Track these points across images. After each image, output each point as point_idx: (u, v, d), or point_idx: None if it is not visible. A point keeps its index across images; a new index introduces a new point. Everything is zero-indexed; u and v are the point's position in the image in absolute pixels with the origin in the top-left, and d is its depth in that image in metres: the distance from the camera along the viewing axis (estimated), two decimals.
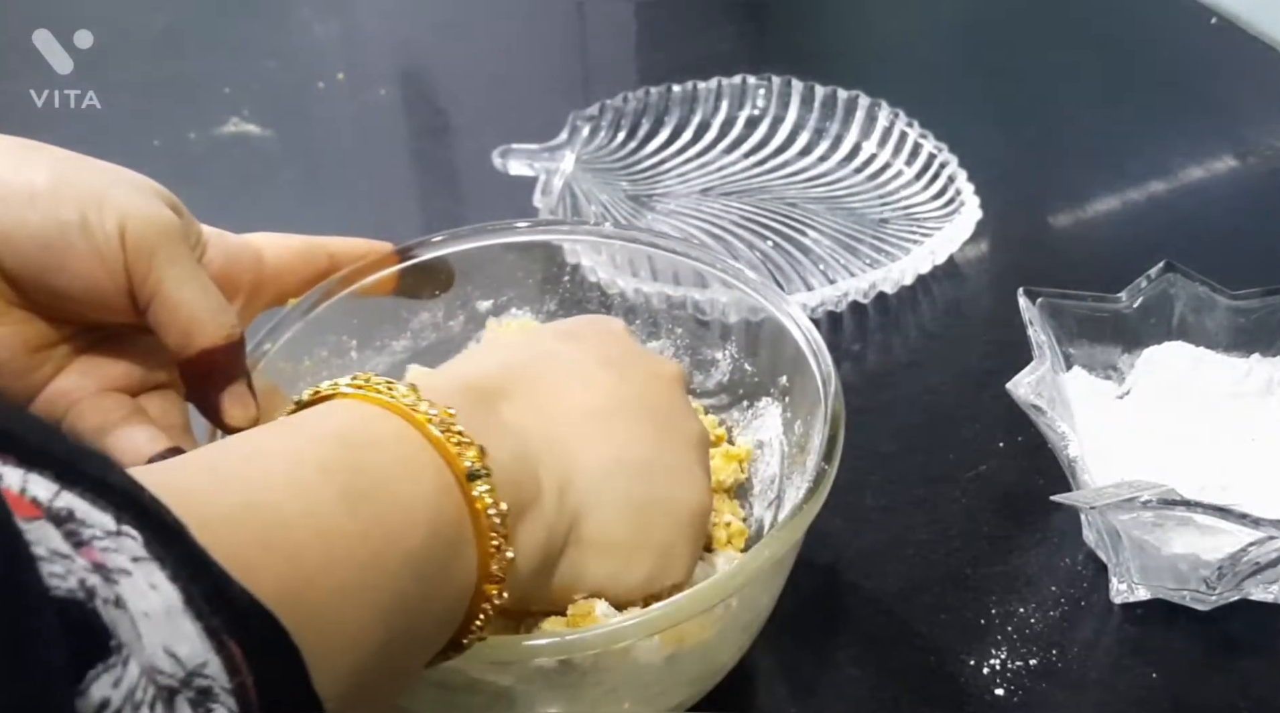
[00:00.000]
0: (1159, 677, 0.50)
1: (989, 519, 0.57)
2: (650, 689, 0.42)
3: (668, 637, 0.40)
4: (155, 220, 0.41)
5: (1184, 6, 0.98)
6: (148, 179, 0.44)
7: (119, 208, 0.40)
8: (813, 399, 0.46)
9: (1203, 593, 0.51)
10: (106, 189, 0.41)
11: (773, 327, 0.50)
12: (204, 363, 0.42)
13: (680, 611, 0.38)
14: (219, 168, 0.83)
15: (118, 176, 0.42)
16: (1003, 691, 0.49)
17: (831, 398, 0.45)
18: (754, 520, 0.50)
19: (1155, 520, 0.48)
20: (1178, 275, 0.57)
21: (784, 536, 0.40)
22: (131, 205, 0.41)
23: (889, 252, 0.73)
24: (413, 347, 0.54)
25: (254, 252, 0.48)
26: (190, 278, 0.42)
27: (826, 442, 0.43)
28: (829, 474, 0.42)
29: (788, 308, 0.49)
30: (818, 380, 0.46)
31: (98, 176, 0.41)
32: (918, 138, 0.78)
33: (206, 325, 0.42)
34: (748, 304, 0.52)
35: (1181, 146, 0.83)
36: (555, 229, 0.56)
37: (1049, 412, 0.50)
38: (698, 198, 0.78)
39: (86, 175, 0.41)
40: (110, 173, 0.42)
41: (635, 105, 0.82)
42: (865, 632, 0.52)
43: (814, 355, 0.47)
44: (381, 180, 0.85)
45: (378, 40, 1.02)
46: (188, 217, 0.45)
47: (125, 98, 0.91)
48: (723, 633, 0.43)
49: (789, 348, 0.49)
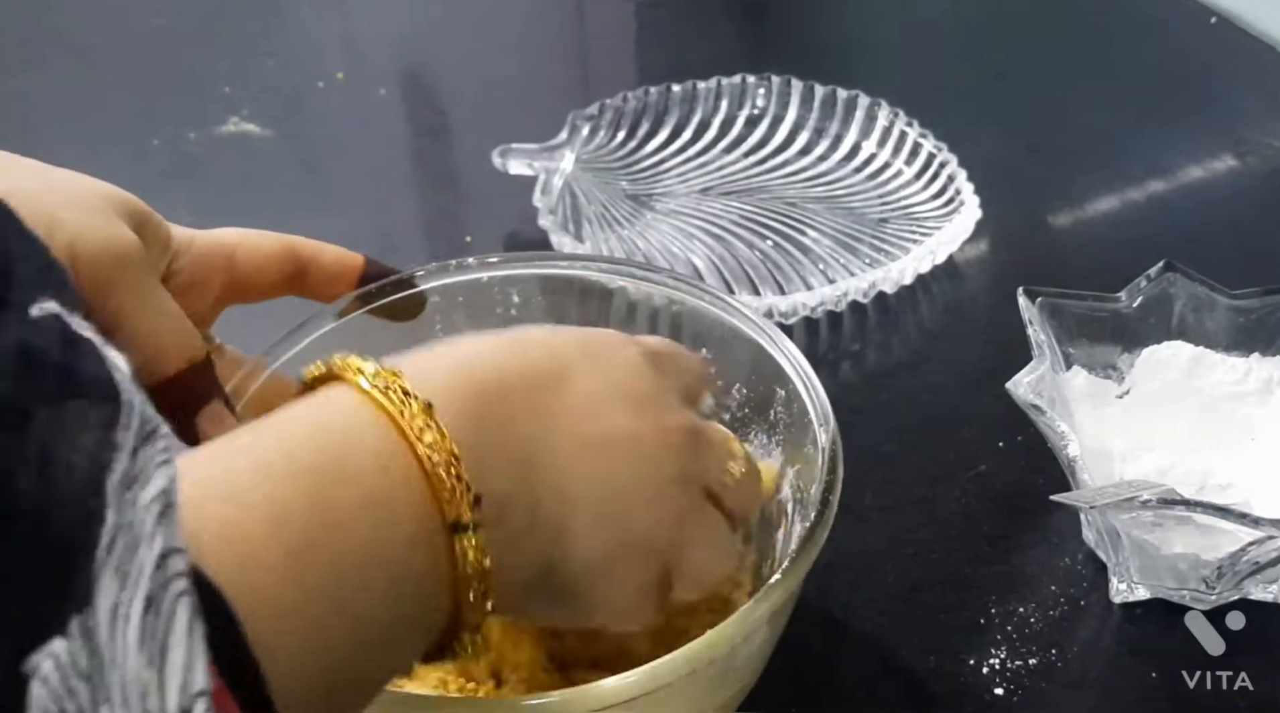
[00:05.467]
0: (1159, 677, 0.50)
1: (989, 519, 0.57)
2: None
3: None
4: (110, 247, 0.39)
5: (1184, 6, 0.98)
6: (104, 188, 0.41)
7: (72, 232, 0.38)
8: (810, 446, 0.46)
9: (1203, 593, 0.51)
10: (56, 213, 0.38)
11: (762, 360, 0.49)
12: (173, 388, 0.41)
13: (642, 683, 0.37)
14: (219, 168, 0.83)
15: (70, 194, 0.39)
16: (1002, 690, 0.49)
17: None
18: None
19: (1155, 520, 0.48)
20: (1178, 275, 0.57)
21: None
22: (84, 231, 0.38)
23: (889, 251, 0.73)
24: None
25: (226, 253, 0.46)
26: (148, 305, 0.40)
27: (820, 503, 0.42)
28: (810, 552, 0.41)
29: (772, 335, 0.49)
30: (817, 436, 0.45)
31: (46, 196, 0.38)
32: (918, 138, 0.78)
33: (169, 353, 0.41)
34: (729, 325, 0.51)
35: (1181, 146, 0.83)
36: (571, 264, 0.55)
37: (1049, 411, 0.50)
38: (697, 197, 0.78)
39: (37, 193, 0.38)
40: (62, 190, 0.39)
41: (635, 105, 0.82)
42: (865, 632, 0.52)
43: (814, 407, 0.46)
44: (381, 180, 0.85)
45: (378, 40, 1.02)
46: (155, 222, 0.43)
47: (125, 98, 0.91)
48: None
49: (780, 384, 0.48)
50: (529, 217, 0.72)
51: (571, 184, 0.76)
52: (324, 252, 0.49)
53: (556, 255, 0.64)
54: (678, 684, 0.38)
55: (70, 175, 0.41)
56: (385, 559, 0.30)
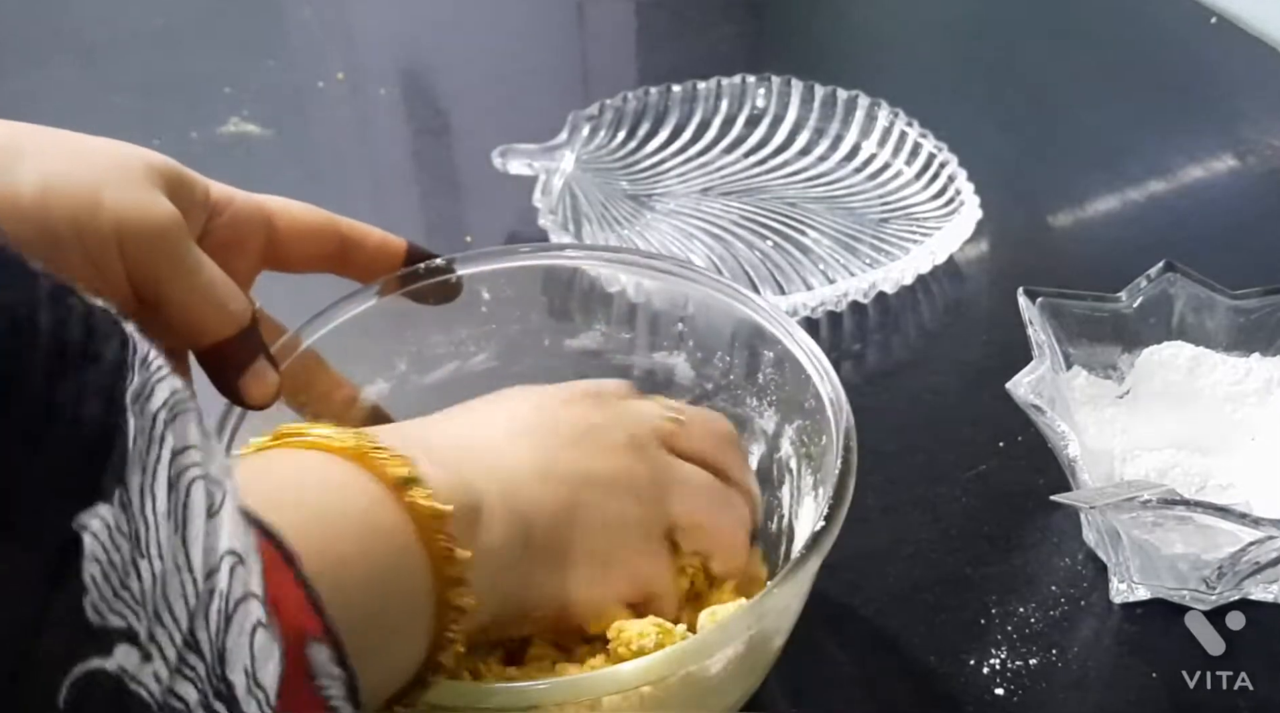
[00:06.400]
0: (1159, 677, 0.50)
1: (989, 519, 0.57)
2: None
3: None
4: (153, 220, 0.40)
5: (1184, 6, 0.98)
6: (141, 155, 0.42)
7: (114, 211, 0.39)
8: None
9: (1203, 593, 0.51)
10: (99, 191, 0.39)
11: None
12: (218, 353, 0.42)
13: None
14: (219, 168, 0.81)
15: (111, 168, 0.40)
16: (1003, 691, 0.49)
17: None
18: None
19: (1155, 520, 0.48)
20: (1178, 275, 0.57)
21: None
22: (127, 207, 0.39)
23: (889, 251, 0.73)
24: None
25: (265, 216, 0.47)
26: (193, 274, 0.41)
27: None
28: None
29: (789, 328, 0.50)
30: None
31: (88, 173, 0.39)
32: (918, 138, 0.78)
33: (215, 320, 0.41)
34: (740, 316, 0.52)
35: (1181, 146, 0.83)
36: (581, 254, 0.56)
37: (1049, 411, 0.50)
38: (697, 197, 0.78)
39: (77, 174, 0.39)
40: (100, 165, 0.40)
41: (635, 105, 0.82)
42: (865, 632, 0.52)
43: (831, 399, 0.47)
44: (381, 180, 0.85)
45: (378, 40, 1.02)
46: (190, 181, 0.43)
47: (125, 98, 0.91)
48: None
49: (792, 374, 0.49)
50: (529, 217, 0.72)
51: (571, 184, 0.76)
52: (369, 235, 0.50)
53: (601, 248, 0.67)
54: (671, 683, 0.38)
55: (106, 146, 0.42)
56: (355, 514, 0.33)
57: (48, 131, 0.41)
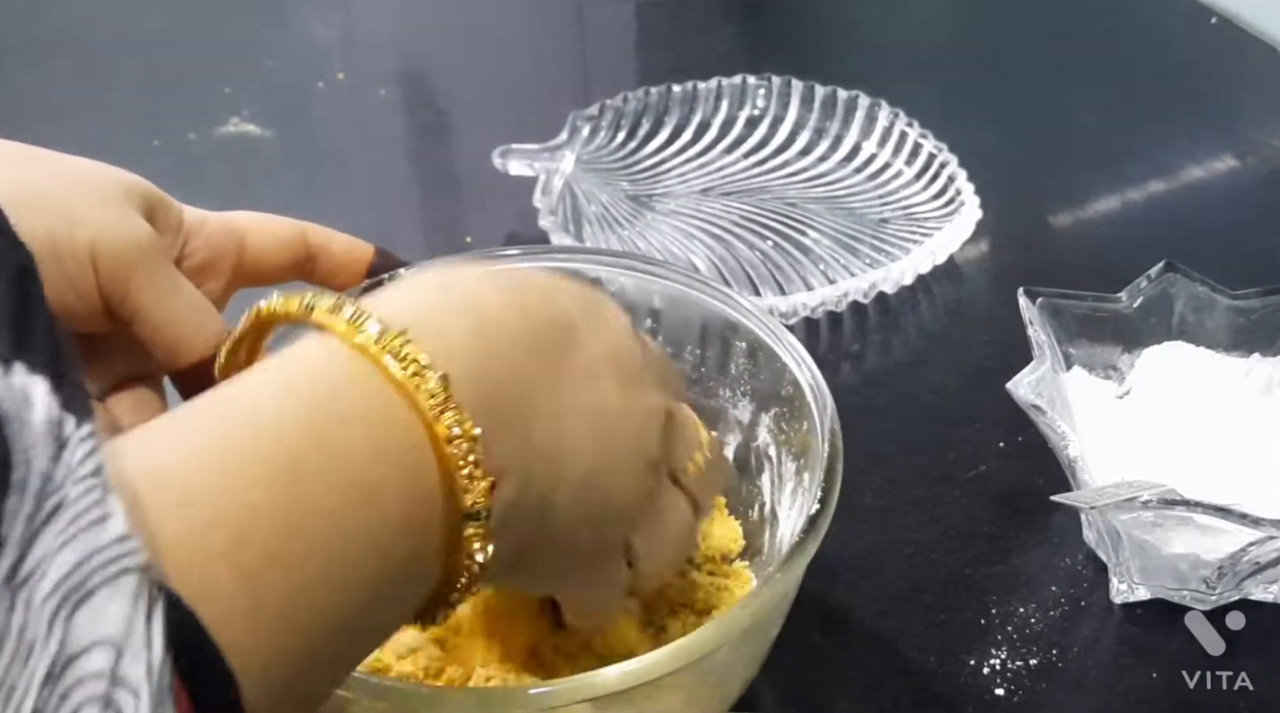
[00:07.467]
0: (1159, 677, 0.50)
1: (989, 519, 0.57)
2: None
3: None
4: (129, 238, 0.40)
5: (1184, 6, 0.98)
6: (117, 176, 0.42)
7: (90, 229, 0.39)
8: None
9: (1203, 593, 0.51)
10: (74, 207, 0.39)
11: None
12: (195, 374, 0.41)
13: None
14: (219, 168, 0.83)
15: (87, 186, 0.40)
16: (1003, 691, 0.49)
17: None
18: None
19: (1155, 520, 0.48)
20: (1178, 275, 0.57)
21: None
22: (103, 224, 0.39)
23: (889, 252, 0.73)
24: None
25: (237, 236, 0.46)
26: (169, 294, 0.41)
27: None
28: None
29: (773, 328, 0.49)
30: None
31: (64, 189, 0.39)
32: (918, 138, 0.78)
33: (192, 341, 0.41)
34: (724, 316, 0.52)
35: (1181, 146, 0.83)
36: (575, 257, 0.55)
37: (1049, 412, 0.50)
38: (698, 198, 0.78)
39: (52, 190, 0.39)
40: (77, 183, 0.40)
41: (635, 105, 0.82)
42: (865, 632, 0.52)
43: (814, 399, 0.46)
44: (381, 180, 0.85)
45: (378, 40, 1.02)
46: (166, 206, 0.43)
47: (125, 98, 0.91)
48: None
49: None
50: (529, 217, 0.72)
51: (572, 185, 0.76)
52: (334, 240, 0.49)
53: (566, 248, 0.66)
54: (679, 675, 0.38)
55: (83, 165, 0.41)
56: (372, 548, 0.28)
57: (23, 148, 0.41)
